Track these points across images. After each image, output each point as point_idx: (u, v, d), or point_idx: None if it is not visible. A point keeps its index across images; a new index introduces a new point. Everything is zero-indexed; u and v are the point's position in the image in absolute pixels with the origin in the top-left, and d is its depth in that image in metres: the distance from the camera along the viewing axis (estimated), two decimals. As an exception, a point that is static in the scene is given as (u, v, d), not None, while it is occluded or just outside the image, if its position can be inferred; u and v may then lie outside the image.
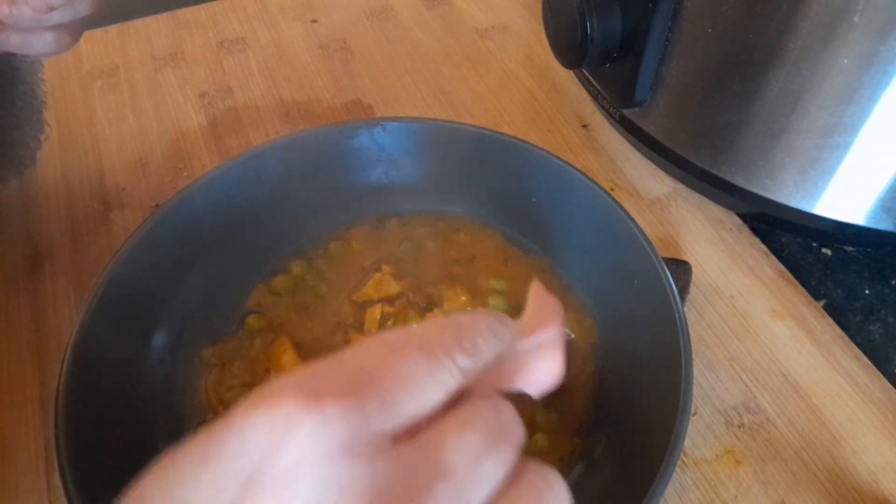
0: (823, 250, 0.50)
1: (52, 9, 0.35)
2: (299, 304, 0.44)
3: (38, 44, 0.37)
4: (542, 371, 0.23)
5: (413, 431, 0.19)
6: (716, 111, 0.46)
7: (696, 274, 0.47)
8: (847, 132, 0.42)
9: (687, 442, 0.40)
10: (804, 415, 0.42)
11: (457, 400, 0.20)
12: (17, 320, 0.46)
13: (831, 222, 0.47)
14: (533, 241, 0.46)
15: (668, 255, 0.48)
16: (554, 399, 0.40)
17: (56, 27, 0.37)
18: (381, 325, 0.43)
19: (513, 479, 0.19)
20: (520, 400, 0.39)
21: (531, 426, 0.39)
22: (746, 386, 0.43)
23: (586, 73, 0.55)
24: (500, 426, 0.20)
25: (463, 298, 0.44)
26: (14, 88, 0.45)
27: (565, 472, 0.38)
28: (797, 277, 0.48)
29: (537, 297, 0.25)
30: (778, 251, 0.50)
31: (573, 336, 0.42)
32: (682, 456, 0.40)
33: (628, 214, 0.41)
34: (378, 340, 0.20)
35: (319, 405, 0.17)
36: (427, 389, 0.19)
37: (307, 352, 0.42)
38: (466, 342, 0.20)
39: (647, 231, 0.41)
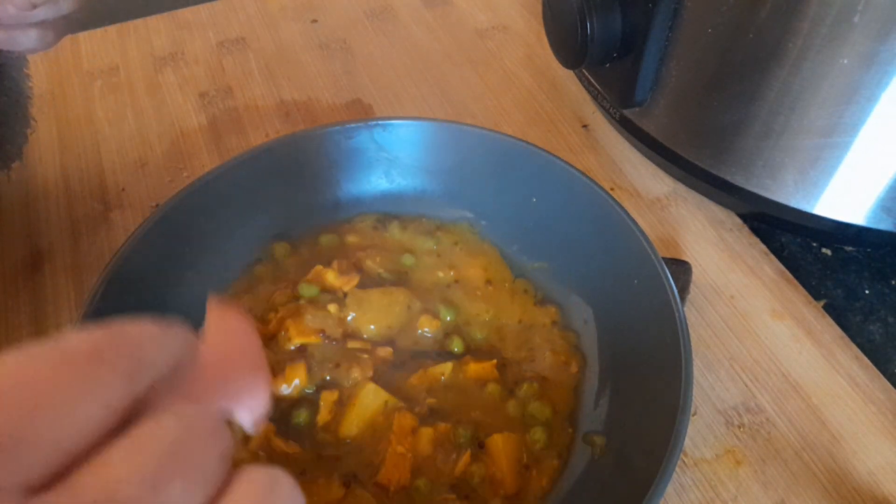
0: (823, 250, 0.50)
1: (35, 6, 0.35)
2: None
3: (23, 40, 0.37)
4: (244, 398, 0.20)
5: (78, 465, 0.15)
6: (716, 111, 0.46)
7: (696, 274, 0.47)
8: (847, 132, 0.42)
9: (687, 442, 0.40)
10: (804, 415, 0.42)
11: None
12: (17, 320, 0.46)
13: (831, 222, 0.47)
14: (532, 244, 0.46)
15: (668, 255, 0.48)
16: (544, 391, 0.40)
17: (40, 24, 0.37)
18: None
19: (225, 487, 0.16)
20: (512, 394, 0.40)
21: (527, 420, 0.39)
22: (746, 386, 0.43)
23: (586, 73, 0.55)
24: (186, 436, 0.16)
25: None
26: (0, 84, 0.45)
27: (565, 471, 0.38)
28: (797, 277, 0.48)
29: (220, 319, 0.22)
30: (778, 251, 0.50)
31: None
32: (682, 456, 0.40)
33: (628, 214, 0.41)
34: (4, 363, 0.15)
35: None
36: (71, 412, 0.15)
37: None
38: (128, 346, 0.17)
39: (647, 231, 0.41)
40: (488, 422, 0.39)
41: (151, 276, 0.41)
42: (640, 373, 0.39)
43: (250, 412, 0.20)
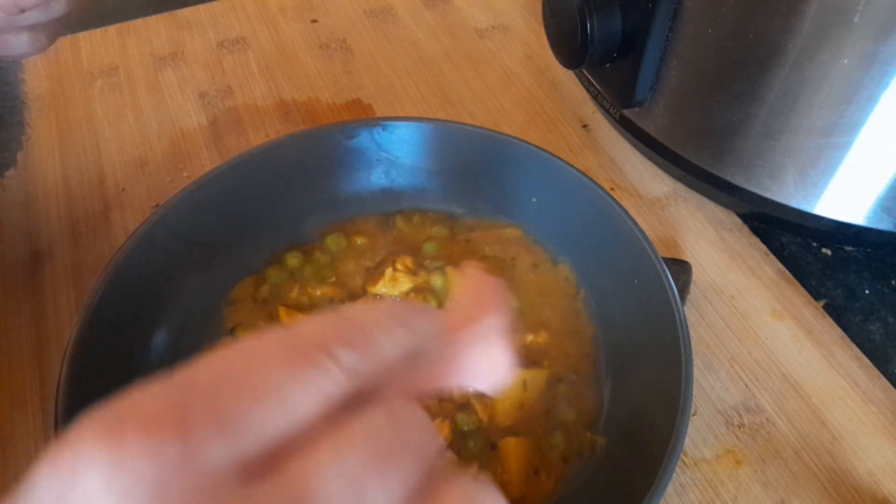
0: (823, 250, 0.50)
1: (23, 10, 0.34)
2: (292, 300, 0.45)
3: (14, 45, 0.36)
4: (486, 364, 0.20)
5: (286, 454, 0.15)
6: (716, 111, 0.46)
7: (696, 274, 0.47)
8: (847, 132, 0.42)
9: (687, 442, 0.40)
10: (804, 415, 0.42)
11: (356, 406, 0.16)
12: (17, 320, 0.46)
13: (831, 222, 0.47)
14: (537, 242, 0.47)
15: (668, 255, 0.48)
16: (570, 394, 0.40)
17: (31, 28, 0.36)
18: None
19: (430, 492, 0.16)
20: (540, 395, 0.40)
21: (551, 422, 0.39)
22: (746, 386, 0.43)
23: (586, 73, 0.55)
24: (394, 437, 0.16)
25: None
26: None
27: (566, 472, 0.38)
28: (797, 277, 0.48)
29: (473, 281, 0.22)
30: (778, 251, 0.50)
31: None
32: (682, 456, 0.40)
33: (628, 214, 0.41)
34: (237, 347, 0.16)
35: (115, 440, 0.13)
36: (290, 399, 0.15)
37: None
38: (356, 336, 0.17)
39: (647, 231, 0.41)
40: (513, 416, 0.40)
41: (151, 276, 0.41)
42: (640, 373, 0.39)
43: (490, 384, 0.20)
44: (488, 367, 0.20)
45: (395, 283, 0.44)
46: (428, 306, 0.20)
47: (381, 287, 0.44)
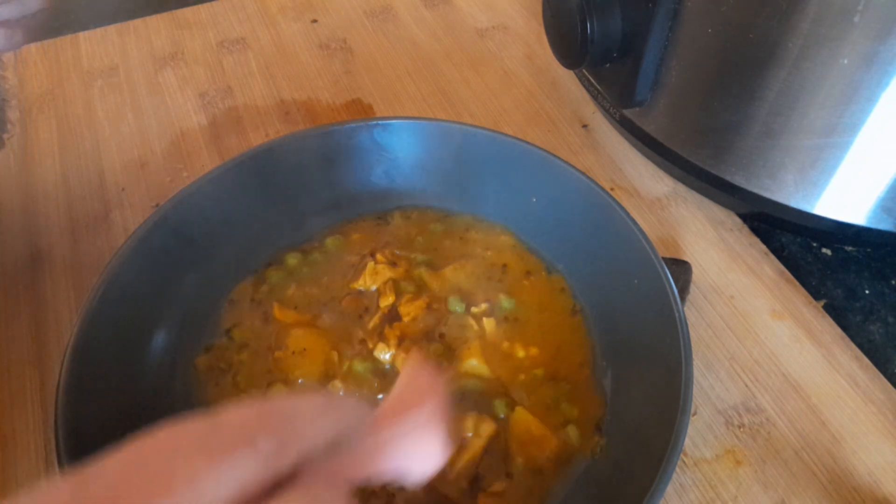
0: (823, 250, 0.50)
1: None
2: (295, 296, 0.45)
3: None
4: (413, 453, 0.21)
5: None
6: (716, 111, 0.46)
7: (696, 274, 0.47)
8: (847, 132, 0.42)
9: (687, 442, 0.40)
10: (804, 415, 0.42)
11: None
12: (17, 320, 0.46)
13: (831, 222, 0.47)
14: (532, 244, 0.46)
15: (668, 255, 0.48)
16: (570, 395, 0.40)
17: (6, 23, 0.36)
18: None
19: None
20: (546, 395, 0.40)
21: (561, 418, 0.39)
22: (746, 386, 0.43)
23: (586, 73, 0.55)
24: None
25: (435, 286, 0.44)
26: None
27: (567, 471, 0.38)
28: (797, 277, 0.48)
29: (412, 372, 0.22)
30: (778, 251, 0.50)
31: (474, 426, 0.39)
32: (682, 456, 0.40)
33: (628, 214, 0.41)
34: (155, 436, 0.17)
35: None
36: (202, 489, 0.16)
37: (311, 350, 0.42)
38: (278, 423, 0.17)
39: (647, 231, 0.41)
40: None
41: (152, 276, 0.41)
42: (640, 373, 0.39)
43: (416, 476, 0.20)
44: (416, 456, 0.21)
45: (374, 276, 0.44)
46: (350, 399, 0.20)
47: (363, 282, 0.44)
